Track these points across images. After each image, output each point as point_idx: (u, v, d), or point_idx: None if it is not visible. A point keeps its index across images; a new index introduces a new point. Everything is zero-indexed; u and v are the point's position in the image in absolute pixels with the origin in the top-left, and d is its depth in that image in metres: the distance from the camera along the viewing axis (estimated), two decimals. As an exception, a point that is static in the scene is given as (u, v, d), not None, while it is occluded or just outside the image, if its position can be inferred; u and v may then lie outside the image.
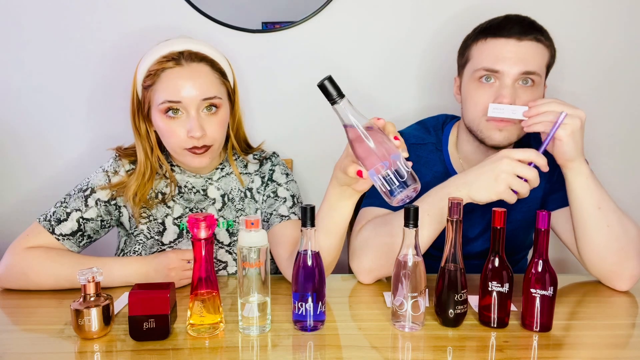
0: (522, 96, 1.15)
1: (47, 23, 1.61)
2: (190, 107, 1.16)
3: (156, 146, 1.25)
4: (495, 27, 1.18)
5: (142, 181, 1.23)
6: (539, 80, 1.18)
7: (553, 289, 0.95)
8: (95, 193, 1.24)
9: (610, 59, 1.67)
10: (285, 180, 1.33)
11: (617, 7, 1.64)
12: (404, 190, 0.87)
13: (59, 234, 1.20)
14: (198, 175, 1.30)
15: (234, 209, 1.31)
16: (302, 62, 1.66)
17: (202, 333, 0.96)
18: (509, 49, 1.15)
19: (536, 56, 1.16)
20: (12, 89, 1.64)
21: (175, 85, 1.15)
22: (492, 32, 1.18)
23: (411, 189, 0.87)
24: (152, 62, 1.18)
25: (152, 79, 1.17)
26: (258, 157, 1.36)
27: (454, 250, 0.96)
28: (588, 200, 1.10)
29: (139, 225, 1.26)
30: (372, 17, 1.64)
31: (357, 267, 1.19)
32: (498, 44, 1.16)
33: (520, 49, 1.15)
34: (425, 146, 1.32)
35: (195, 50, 1.19)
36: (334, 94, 0.83)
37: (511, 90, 1.14)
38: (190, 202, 1.29)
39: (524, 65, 1.14)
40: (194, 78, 1.16)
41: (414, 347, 0.93)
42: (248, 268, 0.94)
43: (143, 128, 1.24)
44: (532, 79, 1.16)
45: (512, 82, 1.15)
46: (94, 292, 0.96)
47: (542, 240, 0.95)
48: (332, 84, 0.83)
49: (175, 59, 1.16)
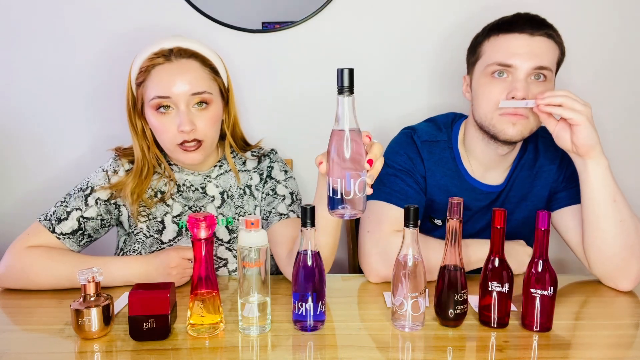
0: (534, 91, 1.15)
1: (45, 24, 1.60)
2: (180, 102, 1.16)
3: (152, 144, 1.26)
4: (507, 23, 1.19)
5: (140, 179, 1.24)
6: (550, 76, 1.18)
7: (553, 289, 0.95)
8: (95, 192, 1.24)
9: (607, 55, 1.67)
10: (284, 178, 1.33)
11: (614, 5, 1.64)
12: (342, 208, 0.87)
13: (59, 232, 1.20)
14: (196, 172, 1.30)
15: (233, 206, 1.31)
16: (302, 62, 1.66)
17: (202, 333, 0.96)
18: (522, 43, 1.16)
19: (548, 51, 1.17)
20: (10, 90, 1.64)
21: (164, 81, 1.16)
22: (504, 28, 1.19)
23: (350, 211, 0.87)
24: (143, 59, 1.20)
25: (144, 76, 1.19)
26: (256, 154, 1.36)
27: (454, 250, 0.96)
28: (606, 192, 1.11)
29: (138, 224, 1.26)
30: (372, 17, 1.64)
31: (370, 272, 1.20)
32: (511, 39, 1.17)
33: (533, 43, 1.15)
34: (437, 143, 1.32)
35: (185, 47, 1.20)
36: (346, 84, 0.84)
37: (524, 84, 1.14)
38: (189, 200, 1.29)
39: (538, 60, 1.15)
40: (183, 73, 1.17)
41: (414, 347, 0.93)
42: (248, 268, 0.95)
43: (139, 126, 1.25)
44: (544, 74, 1.16)
45: (525, 76, 1.15)
46: (94, 292, 0.96)
47: (542, 240, 0.95)
48: (350, 75, 0.84)
49: (165, 56, 1.18)
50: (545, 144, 1.31)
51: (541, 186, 1.30)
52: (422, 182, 1.30)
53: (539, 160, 1.30)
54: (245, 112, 1.68)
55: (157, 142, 1.26)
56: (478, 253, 1.16)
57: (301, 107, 1.69)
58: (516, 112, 1.15)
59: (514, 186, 1.31)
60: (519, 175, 1.30)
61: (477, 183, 1.30)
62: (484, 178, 1.31)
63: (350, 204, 0.87)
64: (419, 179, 1.29)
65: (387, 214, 1.23)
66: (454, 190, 1.30)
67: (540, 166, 1.30)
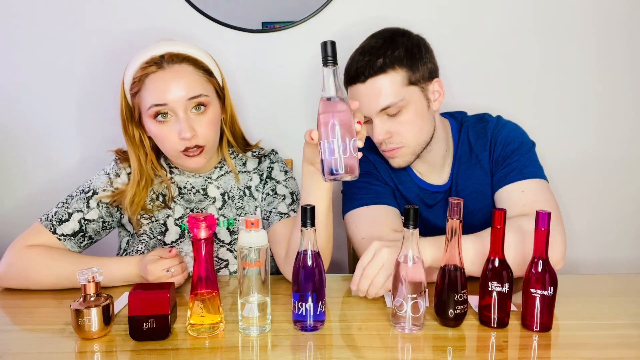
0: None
1: (46, 25, 1.61)
2: (177, 109, 1.16)
3: (150, 151, 1.26)
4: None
5: (138, 189, 1.24)
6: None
7: (553, 289, 0.95)
8: (97, 194, 1.24)
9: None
10: (284, 178, 1.33)
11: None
12: (339, 172, 0.90)
13: (60, 234, 1.20)
14: (197, 175, 1.30)
15: (234, 207, 1.31)
16: (302, 62, 1.66)
17: (202, 333, 0.96)
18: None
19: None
20: (11, 91, 1.64)
21: (159, 89, 1.16)
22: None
23: (346, 175, 0.91)
24: (135, 69, 1.18)
25: (138, 86, 1.18)
26: (257, 155, 1.36)
27: (454, 250, 0.96)
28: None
29: (142, 225, 1.27)
30: (372, 17, 1.63)
31: None
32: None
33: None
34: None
35: (176, 51, 1.19)
36: (329, 54, 0.89)
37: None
38: (190, 203, 1.29)
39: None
40: (177, 79, 1.16)
41: (414, 347, 0.93)
42: (248, 268, 0.95)
43: (137, 135, 1.24)
44: None
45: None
46: (94, 292, 0.96)
47: (542, 240, 0.95)
48: (332, 47, 0.89)
49: (157, 63, 1.17)
50: (475, 132, 1.32)
51: (483, 173, 1.31)
52: (381, 177, 1.33)
53: (474, 150, 1.32)
54: (245, 112, 1.68)
55: (156, 149, 1.26)
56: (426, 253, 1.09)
57: (301, 107, 1.69)
58: (387, 149, 1.23)
59: (459, 182, 1.32)
60: (460, 170, 1.32)
61: (424, 183, 1.34)
62: (429, 179, 1.34)
63: (347, 166, 0.90)
64: (377, 174, 1.33)
65: (370, 215, 1.25)
66: (402, 188, 1.34)
67: (476, 155, 1.31)
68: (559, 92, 1.69)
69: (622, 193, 1.76)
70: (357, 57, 1.22)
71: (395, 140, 1.22)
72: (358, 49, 1.25)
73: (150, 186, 1.27)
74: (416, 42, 1.23)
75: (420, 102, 1.22)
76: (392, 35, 1.23)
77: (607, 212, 1.77)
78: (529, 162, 1.25)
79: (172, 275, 1.11)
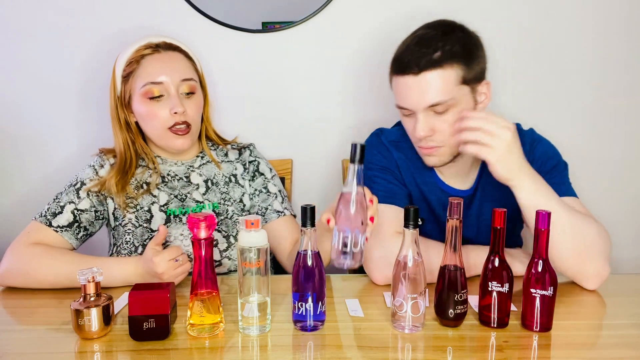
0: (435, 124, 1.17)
1: (43, 24, 1.61)
2: (170, 88, 1.25)
3: (137, 135, 1.32)
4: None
5: (123, 172, 1.29)
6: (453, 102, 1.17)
7: (553, 289, 0.95)
8: (85, 185, 1.29)
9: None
10: (271, 175, 1.42)
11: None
12: (346, 258, 0.97)
13: (56, 226, 1.23)
14: (180, 162, 1.35)
15: (218, 192, 1.35)
16: (302, 62, 1.66)
17: (202, 333, 0.96)
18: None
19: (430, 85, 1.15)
20: (8, 90, 1.64)
21: (156, 68, 1.26)
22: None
23: (349, 262, 0.97)
24: (130, 53, 1.28)
25: (132, 67, 1.27)
26: (236, 147, 1.45)
27: (454, 250, 0.96)
28: (532, 214, 1.03)
29: (126, 214, 1.29)
30: (372, 17, 1.64)
31: (376, 274, 1.18)
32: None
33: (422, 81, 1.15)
34: (403, 143, 1.31)
35: (169, 42, 1.31)
36: (358, 157, 0.95)
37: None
38: (174, 189, 1.33)
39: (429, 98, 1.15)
40: (172, 62, 1.28)
41: (414, 347, 0.93)
42: (248, 268, 0.95)
43: (123, 119, 1.31)
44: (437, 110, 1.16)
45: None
46: (94, 292, 0.96)
47: (542, 240, 0.95)
48: (362, 150, 0.95)
49: (153, 48, 1.28)
50: None
51: None
52: (401, 177, 1.30)
53: None
54: (244, 112, 1.68)
55: (142, 134, 1.33)
56: (478, 259, 1.13)
57: (301, 107, 1.69)
58: (426, 147, 1.19)
59: (485, 189, 1.29)
60: (487, 181, 1.27)
61: (446, 187, 1.30)
62: (452, 183, 1.31)
63: (355, 255, 0.97)
64: (397, 174, 1.29)
65: (381, 215, 1.23)
66: (426, 189, 1.30)
67: None
68: (558, 92, 1.69)
69: (622, 193, 1.76)
70: (411, 47, 1.15)
71: (436, 139, 1.16)
72: (412, 38, 1.17)
73: (134, 169, 1.31)
74: (474, 39, 1.17)
75: (468, 103, 1.16)
76: (450, 28, 1.16)
77: (607, 212, 1.77)
78: (566, 181, 1.24)
79: (179, 266, 1.10)
